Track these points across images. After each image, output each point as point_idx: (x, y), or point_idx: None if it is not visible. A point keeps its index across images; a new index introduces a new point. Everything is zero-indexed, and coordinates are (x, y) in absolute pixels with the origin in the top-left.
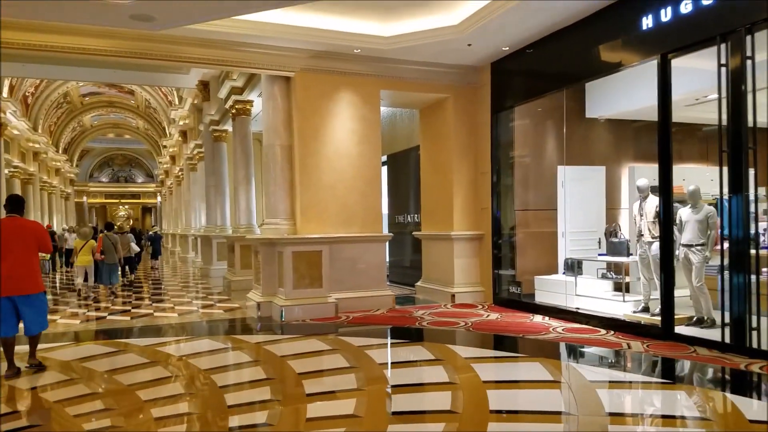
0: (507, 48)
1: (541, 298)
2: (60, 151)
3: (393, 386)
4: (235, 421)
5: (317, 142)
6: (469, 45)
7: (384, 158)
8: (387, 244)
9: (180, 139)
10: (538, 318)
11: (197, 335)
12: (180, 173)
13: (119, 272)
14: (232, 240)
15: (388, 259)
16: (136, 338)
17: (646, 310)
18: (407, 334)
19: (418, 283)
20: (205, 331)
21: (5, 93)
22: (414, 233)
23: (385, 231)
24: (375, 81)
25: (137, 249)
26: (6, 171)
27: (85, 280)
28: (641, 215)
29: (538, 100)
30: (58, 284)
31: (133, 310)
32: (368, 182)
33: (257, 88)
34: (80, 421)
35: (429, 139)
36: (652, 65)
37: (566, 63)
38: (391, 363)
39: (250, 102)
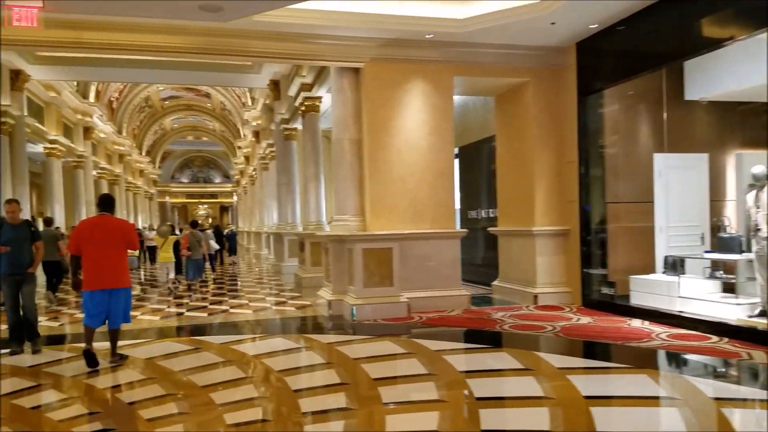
0: (595, 25)
1: (637, 300)
2: (143, 153)
3: (478, 398)
4: (309, 430)
5: (387, 134)
6: (553, 23)
7: (455, 151)
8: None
9: (253, 139)
10: (636, 322)
11: (270, 333)
12: (254, 173)
13: (204, 267)
14: (302, 237)
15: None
16: (212, 335)
17: (763, 314)
18: (487, 338)
19: (495, 283)
20: (278, 329)
21: (92, 98)
22: (489, 229)
23: (458, 227)
24: (448, 67)
25: (216, 246)
26: (94, 172)
27: (167, 276)
28: (757, 207)
29: (630, 82)
30: (142, 279)
31: (210, 306)
32: (439, 175)
33: (326, 84)
34: (154, 426)
35: (506, 128)
36: (763, 38)
37: (663, 40)
38: (473, 371)
39: (319, 98)
